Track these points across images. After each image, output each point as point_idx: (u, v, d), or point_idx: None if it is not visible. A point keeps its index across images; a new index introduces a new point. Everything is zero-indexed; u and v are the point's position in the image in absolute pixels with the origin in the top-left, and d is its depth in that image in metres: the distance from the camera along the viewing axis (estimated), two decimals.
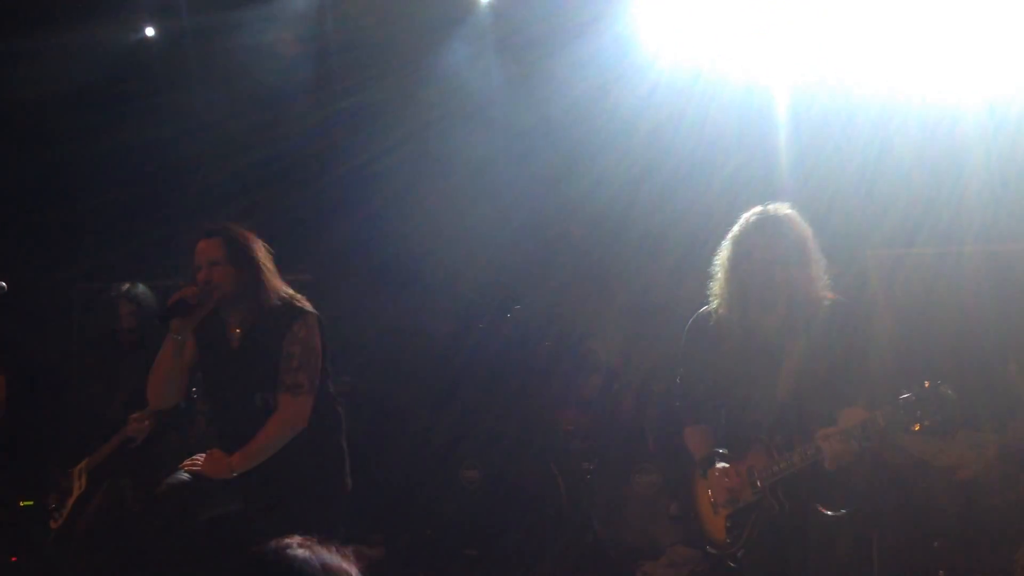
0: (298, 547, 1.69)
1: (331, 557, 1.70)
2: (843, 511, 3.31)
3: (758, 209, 3.40)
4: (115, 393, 4.95)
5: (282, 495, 3.50)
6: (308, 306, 3.64)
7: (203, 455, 3.60)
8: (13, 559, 5.03)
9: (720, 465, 3.44)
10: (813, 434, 3.15)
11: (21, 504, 5.25)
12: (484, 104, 6.32)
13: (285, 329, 3.52)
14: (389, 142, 6.41)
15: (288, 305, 3.58)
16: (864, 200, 5.37)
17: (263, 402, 3.54)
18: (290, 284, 3.72)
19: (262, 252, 3.61)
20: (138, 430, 4.64)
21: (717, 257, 3.47)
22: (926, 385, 3.04)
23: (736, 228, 3.42)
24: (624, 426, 5.93)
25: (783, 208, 3.39)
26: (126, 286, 5.13)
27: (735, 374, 3.42)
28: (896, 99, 5.33)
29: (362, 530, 5.25)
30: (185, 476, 3.56)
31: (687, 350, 3.61)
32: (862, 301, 5.19)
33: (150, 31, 6.79)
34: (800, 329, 3.32)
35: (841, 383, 3.24)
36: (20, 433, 5.34)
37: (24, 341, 5.77)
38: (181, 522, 3.45)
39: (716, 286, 3.46)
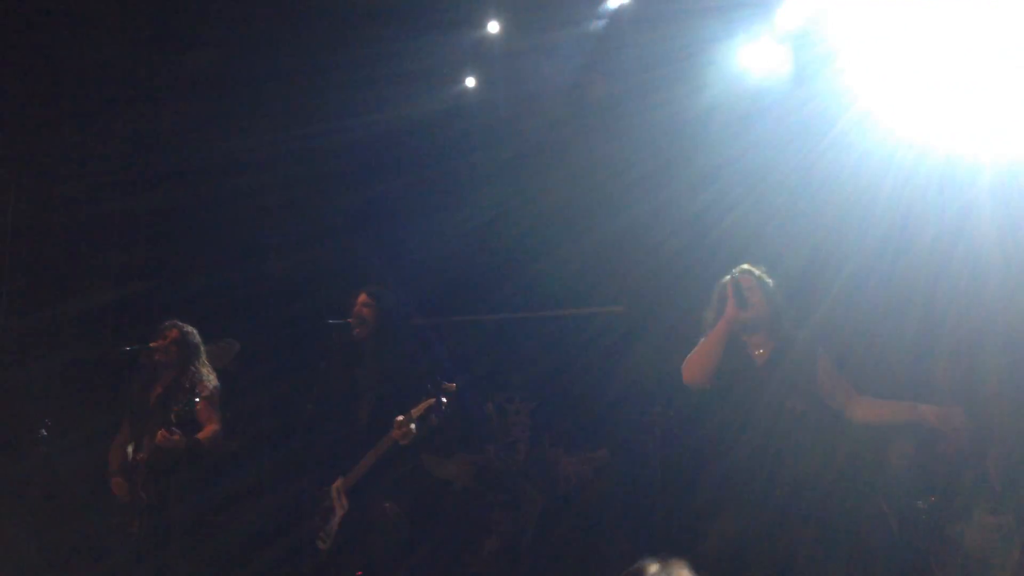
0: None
1: None
2: None
3: None
4: (359, 401, 4.84)
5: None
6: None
7: None
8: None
9: None
10: None
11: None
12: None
13: (814, 357, 4.39)
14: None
15: (803, 339, 4.44)
16: None
17: (792, 407, 4.28)
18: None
19: (779, 296, 4.52)
20: (405, 434, 4.48)
21: None
22: None
23: None
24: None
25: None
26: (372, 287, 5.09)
27: None
28: None
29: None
30: None
31: None
32: None
33: (471, 81, 7.06)
34: None
35: None
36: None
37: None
38: None
39: None
